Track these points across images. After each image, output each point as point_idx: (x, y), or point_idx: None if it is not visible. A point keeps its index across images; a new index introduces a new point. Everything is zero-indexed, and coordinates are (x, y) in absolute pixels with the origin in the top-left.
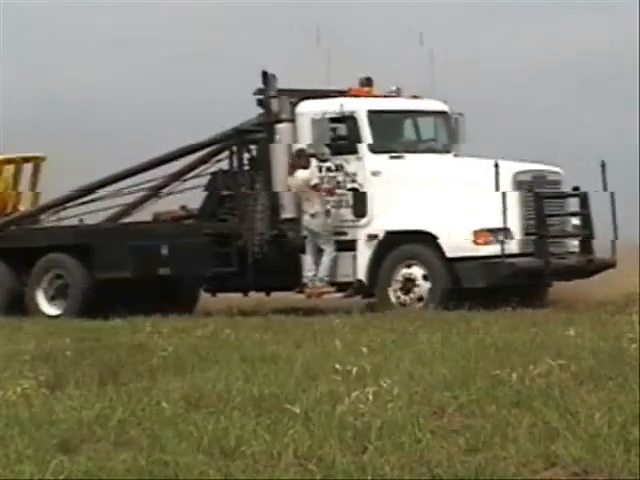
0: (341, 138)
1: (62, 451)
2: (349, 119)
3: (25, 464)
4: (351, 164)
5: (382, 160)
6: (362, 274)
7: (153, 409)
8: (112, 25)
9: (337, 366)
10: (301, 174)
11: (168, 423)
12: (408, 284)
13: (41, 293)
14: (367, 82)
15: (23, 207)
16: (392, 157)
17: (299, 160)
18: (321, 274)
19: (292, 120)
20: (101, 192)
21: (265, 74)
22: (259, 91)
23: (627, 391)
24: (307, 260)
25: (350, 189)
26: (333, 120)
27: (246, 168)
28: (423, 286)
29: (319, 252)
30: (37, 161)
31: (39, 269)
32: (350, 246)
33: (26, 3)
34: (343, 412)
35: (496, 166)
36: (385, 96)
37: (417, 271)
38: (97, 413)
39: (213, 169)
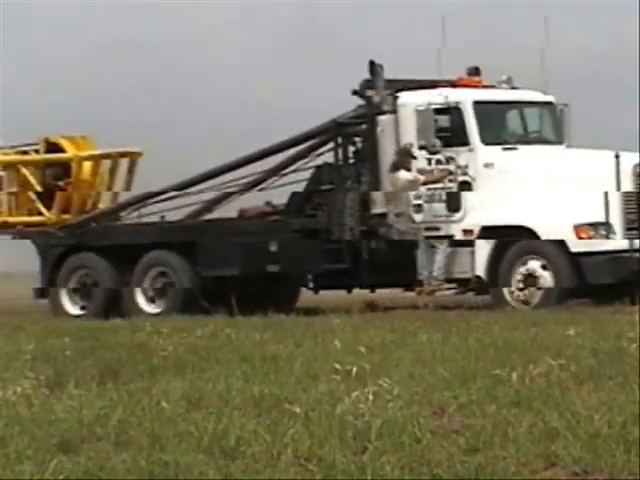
0: (445, 129)
1: (62, 451)
2: (454, 110)
3: (25, 464)
4: (462, 156)
5: (495, 152)
6: (481, 270)
7: (153, 409)
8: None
9: (337, 366)
10: (403, 175)
11: (168, 423)
12: (529, 280)
13: (140, 292)
14: (475, 72)
15: (103, 204)
16: (505, 149)
17: (402, 160)
18: (436, 272)
19: (394, 111)
20: (192, 189)
21: (372, 64)
22: (366, 82)
23: (627, 391)
24: (421, 257)
25: (462, 182)
26: (438, 111)
27: (343, 162)
28: (544, 282)
29: (432, 249)
30: (133, 157)
31: (142, 267)
32: (468, 242)
33: None
34: (343, 412)
35: (617, 157)
36: (493, 86)
37: (537, 266)
38: (97, 413)
39: (314, 163)
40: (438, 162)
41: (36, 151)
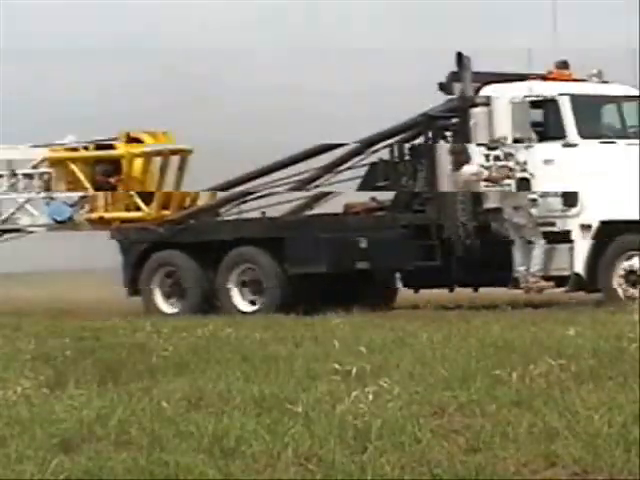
0: (541, 123)
1: (62, 451)
2: (551, 103)
3: (25, 464)
4: (520, 152)
5: (555, 148)
6: (580, 267)
7: (153, 409)
8: None
9: (337, 366)
10: (468, 169)
11: (168, 423)
12: (631, 277)
13: (236, 290)
14: (563, 65)
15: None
16: (564, 145)
17: (459, 157)
18: (533, 269)
19: (487, 104)
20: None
21: (460, 55)
22: (453, 74)
23: (627, 391)
24: (517, 254)
25: (521, 179)
26: (534, 104)
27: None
28: None
29: (528, 245)
30: (183, 154)
31: (227, 264)
32: (564, 238)
33: None
34: (343, 412)
35: None
36: (584, 80)
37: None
38: (97, 413)
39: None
40: (497, 158)
41: (85, 148)
